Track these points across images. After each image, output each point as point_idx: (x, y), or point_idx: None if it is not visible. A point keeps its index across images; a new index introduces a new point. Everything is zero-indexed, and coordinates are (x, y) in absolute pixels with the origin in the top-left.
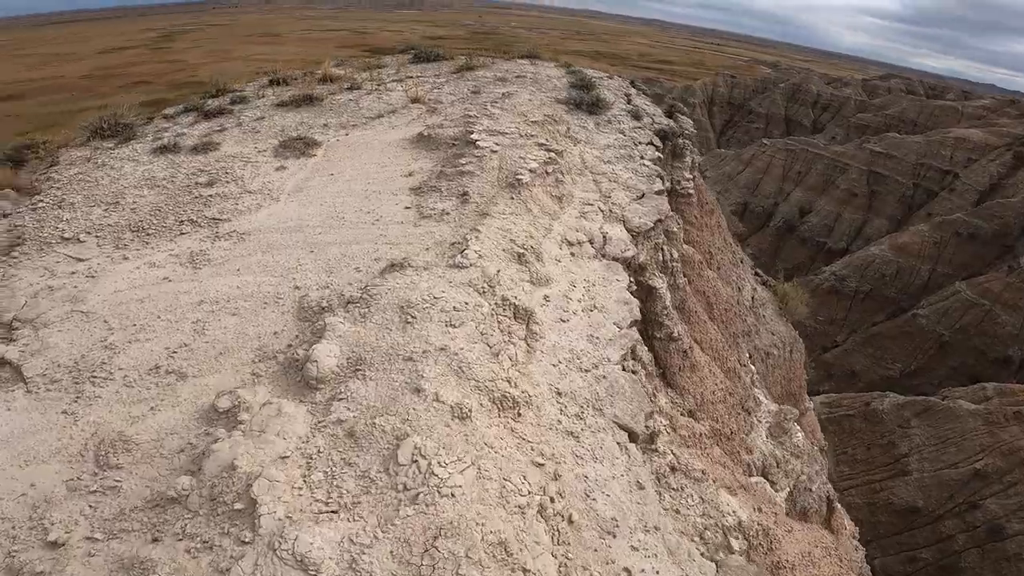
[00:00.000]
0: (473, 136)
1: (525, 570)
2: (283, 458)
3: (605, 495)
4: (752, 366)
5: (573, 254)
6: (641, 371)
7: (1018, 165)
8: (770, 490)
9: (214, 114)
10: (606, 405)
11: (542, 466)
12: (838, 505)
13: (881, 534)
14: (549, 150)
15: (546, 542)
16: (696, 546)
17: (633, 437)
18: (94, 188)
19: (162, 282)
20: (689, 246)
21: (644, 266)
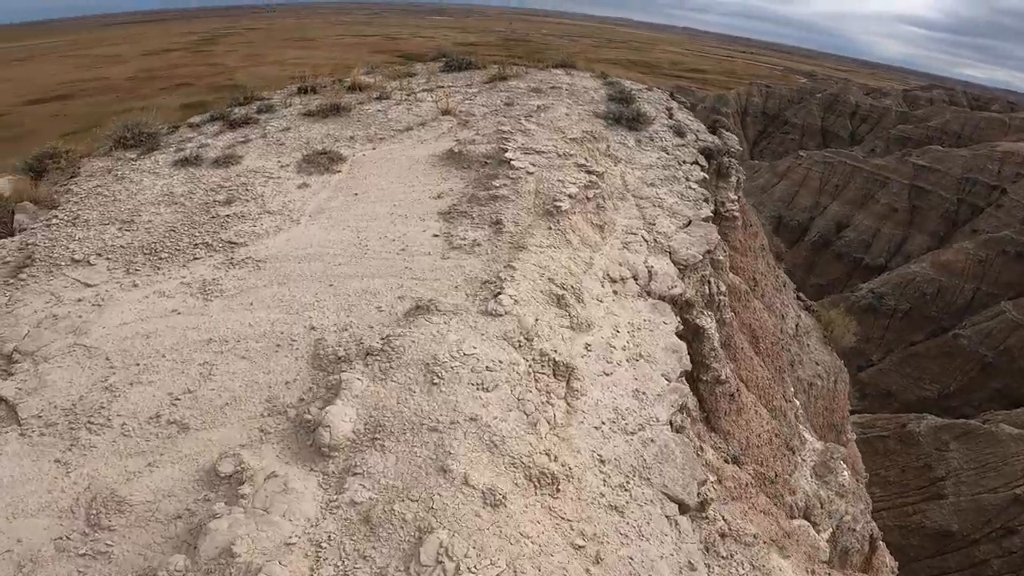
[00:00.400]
0: (508, 155)
1: None
2: (288, 544)
3: None
4: (796, 400)
5: (616, 292)
6: (689, 427)
7: None
8: (813, 533)
9: (240, 123)
10: (654, 473)
11: (582, 548)
12: (881, 543)
13: (912, 558)
14: (589, 172)
15: None
16: None
17: (683, 508)
18: (111, 204)
19: (170, 315)
20: (734, 274)
21: (691, 303)
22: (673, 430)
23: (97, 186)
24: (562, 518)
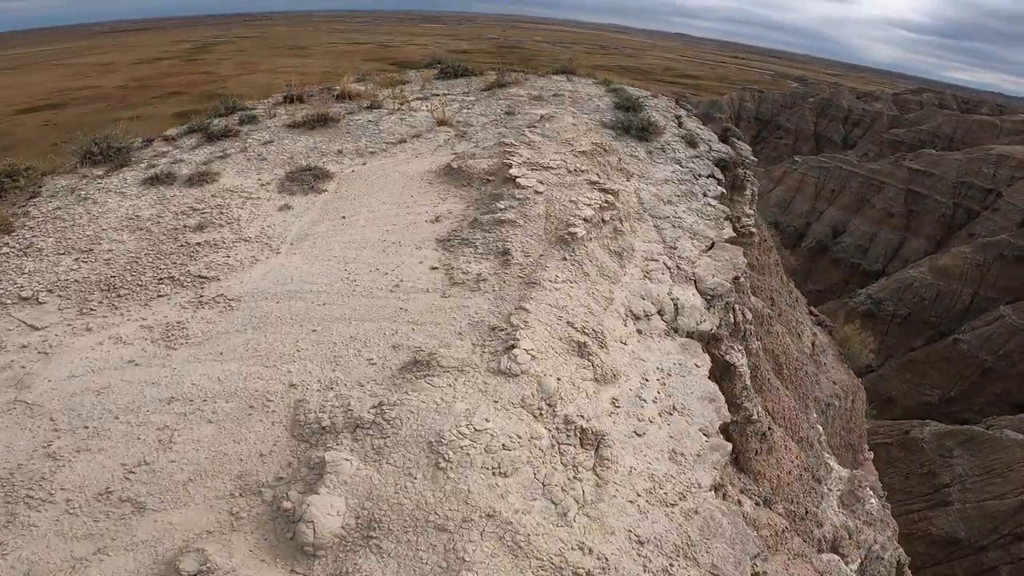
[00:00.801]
0: (512, 171)
1: None
2: None
3: None
4: (819, 426)
5: (640, 331)
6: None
7: None
8: (843, 567)
9: (219, 136)
10: (700, 552)
11: None
12: (908, 570)
13: (919, 565)
14: (604, 190)
15: None
16: None
17: None
18: (69, 229)
19: (127, 366)
20: (755, 297)
21: (718, 336)
22: (718, 496)
23: (57, 208)
24: None
